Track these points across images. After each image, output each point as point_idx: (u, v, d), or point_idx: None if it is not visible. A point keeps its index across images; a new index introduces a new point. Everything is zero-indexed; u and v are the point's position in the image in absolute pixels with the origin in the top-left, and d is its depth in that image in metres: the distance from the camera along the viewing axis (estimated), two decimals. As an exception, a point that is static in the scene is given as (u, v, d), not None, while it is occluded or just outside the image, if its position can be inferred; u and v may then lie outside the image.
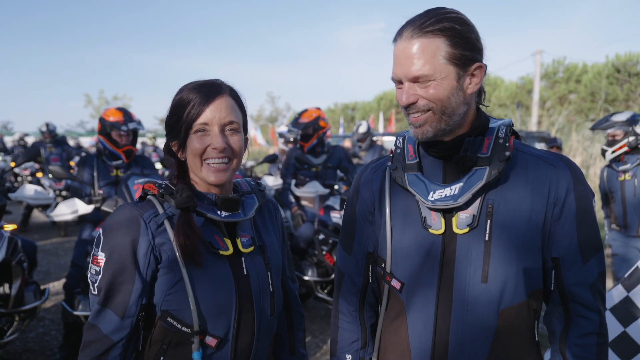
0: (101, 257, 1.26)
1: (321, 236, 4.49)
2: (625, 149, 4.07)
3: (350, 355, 1.43)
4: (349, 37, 76.19)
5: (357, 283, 1.43)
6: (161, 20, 74.83)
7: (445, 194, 1.23)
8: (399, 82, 1.23)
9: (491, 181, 1.21)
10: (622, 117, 4.11)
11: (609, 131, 4.15)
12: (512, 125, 1.30)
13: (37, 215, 10.05)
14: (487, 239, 1.21)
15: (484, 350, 1.22)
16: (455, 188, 1.23)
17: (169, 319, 1.26)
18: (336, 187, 4.93)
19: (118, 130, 4.00)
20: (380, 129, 18.24)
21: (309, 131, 5.03)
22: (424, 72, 1.17)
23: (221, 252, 1.30)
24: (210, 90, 1.29)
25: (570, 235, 1.22)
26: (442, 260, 1.25)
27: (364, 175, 1.43)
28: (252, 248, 1.36)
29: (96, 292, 1.26)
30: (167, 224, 1.28)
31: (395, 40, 1.23)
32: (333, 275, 4.35)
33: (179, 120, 1.29)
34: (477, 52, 1.22)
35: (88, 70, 69.55)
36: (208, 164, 1.29)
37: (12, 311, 3.19)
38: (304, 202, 5.17)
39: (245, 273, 1.33)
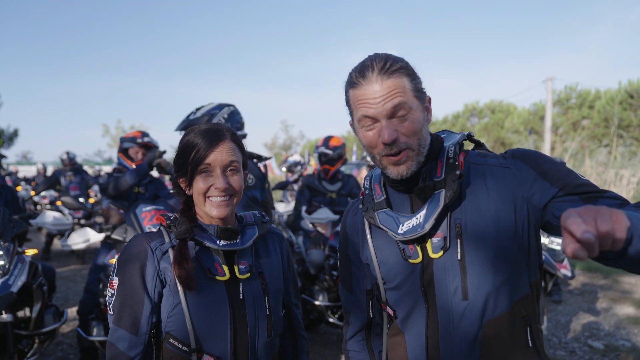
0: (115, 280, 1.43)
1: (332, 261, 4.56)
2: None
3: None
4: (362, 65, 76.66)
5: (361, 318, 1.54)
6: (176, 47, 76.76)
7: (413, 224, 1.30)
8: (371, 120, 1.26)
9: (449, 202, 1.27)
10: None
11: None
12: (468, 136, 1.38)
13: (56, 244, 10.24)
14: (459, 258, 1.28)
15: None
16: (420, 216, 1.30)
17: (171, 339, 1.40)
18: (347, 214, 4.97)
19: (133, 143, 4.31)
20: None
21: (335, 156, 5.15)
22: (403, 100, 1.23)
23: (217, 278, 1.44)
24: (214, 135, 1.44)
25: (552, 190, 1.23)
26: (422, 284, 1.32)
27: (348, 221, 1.55)
28: (248, 274, 1.48)
29: (112, 312, 1.42)
30: (170, 252, 1.43)
31: (354, 85, 1.27)
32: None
33: (186, 161, 1.44)
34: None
35: (105, 99, 71.51)
36: (211, 200, 1.43)
37: (32, 333, 3.30)
38: (318, 228, 5.24)
39: (241, 297, 1.46)
